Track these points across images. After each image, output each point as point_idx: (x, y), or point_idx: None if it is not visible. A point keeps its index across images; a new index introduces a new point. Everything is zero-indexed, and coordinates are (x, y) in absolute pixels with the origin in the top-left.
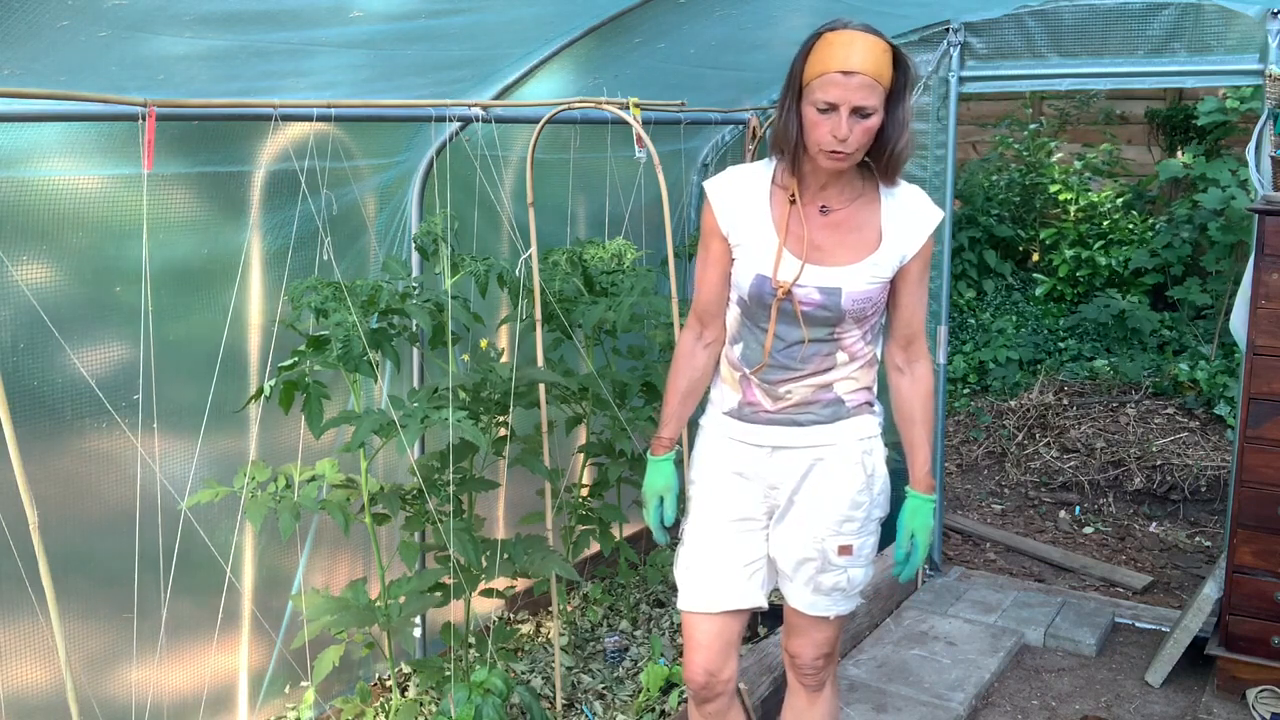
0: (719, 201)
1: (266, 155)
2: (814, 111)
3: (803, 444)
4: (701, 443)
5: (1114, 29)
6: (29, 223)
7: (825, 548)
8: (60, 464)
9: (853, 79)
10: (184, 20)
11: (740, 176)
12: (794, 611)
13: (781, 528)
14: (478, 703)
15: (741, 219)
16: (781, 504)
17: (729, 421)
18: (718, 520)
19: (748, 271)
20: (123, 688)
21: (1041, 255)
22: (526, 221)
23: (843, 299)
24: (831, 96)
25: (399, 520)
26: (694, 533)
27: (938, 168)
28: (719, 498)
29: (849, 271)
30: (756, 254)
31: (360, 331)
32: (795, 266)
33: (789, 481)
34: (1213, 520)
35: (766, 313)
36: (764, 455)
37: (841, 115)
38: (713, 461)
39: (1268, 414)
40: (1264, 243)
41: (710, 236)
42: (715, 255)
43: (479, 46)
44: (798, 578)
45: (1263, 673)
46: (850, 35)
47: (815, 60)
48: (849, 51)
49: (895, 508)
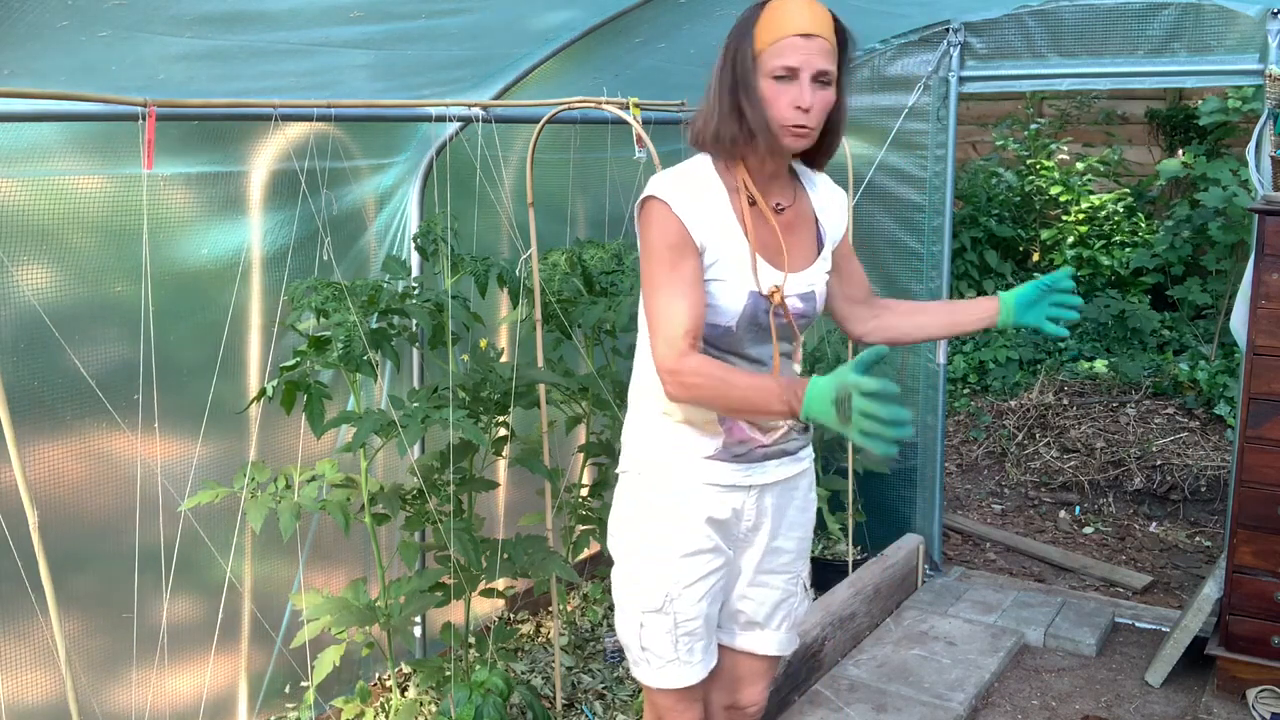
0: (687, 210)
1: (266, 155)
2: (770, 83)
3: (790, 474)
4: (655, 500)
5: (1114, 29)
6: (29, 223)
7: (802, 577)
8: (60, 464)
9: (813, 41)
10: (184, 20)
11: (695, 178)
12: (755, 660)
13: (757, 575)
14: (478, 703)
15: (712, 230)
16: (759, 547)
17: (711, 466)
18: (701, 584)
19: (736, 291)
20: (123, 687)
21: (1042, 255)
22: (526, 221)
23: (817, 303)
24: (793, 60)
25: (399, 520)
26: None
27: (938, 168)
28: (698, 558)
29: (814, 271)
30: (736, 269)
31: (361, 331)
32: (777, 277)
33: (771, 522)
34: (1213, 520)
35: (755, 335)
36: (750, 498)
37: (803, 82)
38: (683, 517)
39: (1268, 414)
40: (1264, 243)
41: (681, 253)
42: (694, 275)
43: (479, 46)
44: (772, 622)
45: (1263, 673)
46: (801, 1)
47: (767, 27)
48: (805, 14)
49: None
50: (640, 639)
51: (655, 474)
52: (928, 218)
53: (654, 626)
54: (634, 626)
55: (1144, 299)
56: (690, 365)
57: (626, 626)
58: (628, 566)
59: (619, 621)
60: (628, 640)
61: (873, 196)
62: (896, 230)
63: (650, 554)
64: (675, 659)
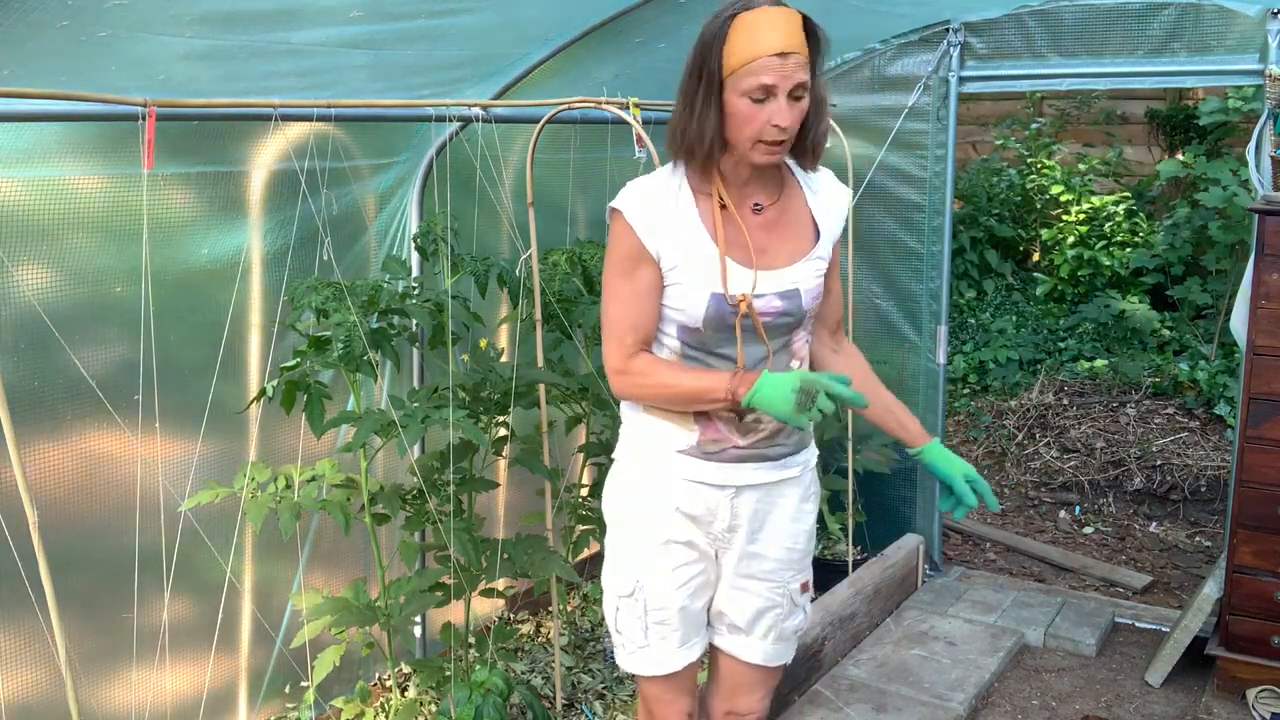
0: (640, 221)
1: (266, 155)
2: (745, 103)
3: (769, 480)
4: (631, 486)
5: (1114, 29)
6: (29, 223)
7: (790, 589)
8: (60, 464)
9: (789, 60)
10: (184, 20)
11: (655, 189)
12: (746, 668)
13: (736, 579)
14: (478, 703)
15: (670, 237)
16: (736, 550)
17: (684, 460)
18: (673, 575)
19: (698, 295)
20: (123, 687)
21: (1042, 255)
22: (526, 221)
23: (803, 300)
24: (769, 80)
25: (399, 520)
26: (651, 592)
27: (938, 168)
28: (670, 548)
29: (800, 269)
30: (702, 273)
31: (361, 331)
32: (747, 277)
33: (748, 525)
34: (1213, 520)
35: (726, 336)
36: (724, 498)
37: (780, 101)
38: (655, 506)
39: (1268, 414)
40: (1264, 243)
41: (635, 263)
42: (648, 284)
43: (479, 46)
44: (756, 630)
45: (1263, 673)
46: (772, 13)
47: (739, 46)
48: (778, 31)
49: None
50: (616, 621)
51: (634, 464)
52: (928, 218)
53: (626, 611)
54: (611, 609)
55: (1144, 299)
56: (636, 365)
57: (607, 608)
58: (609, 550)
59: (604, 602)
60: (608, 622)
61: (873, 196)
62: (896, 230)
63: (625, 540)
64: (646, 645)
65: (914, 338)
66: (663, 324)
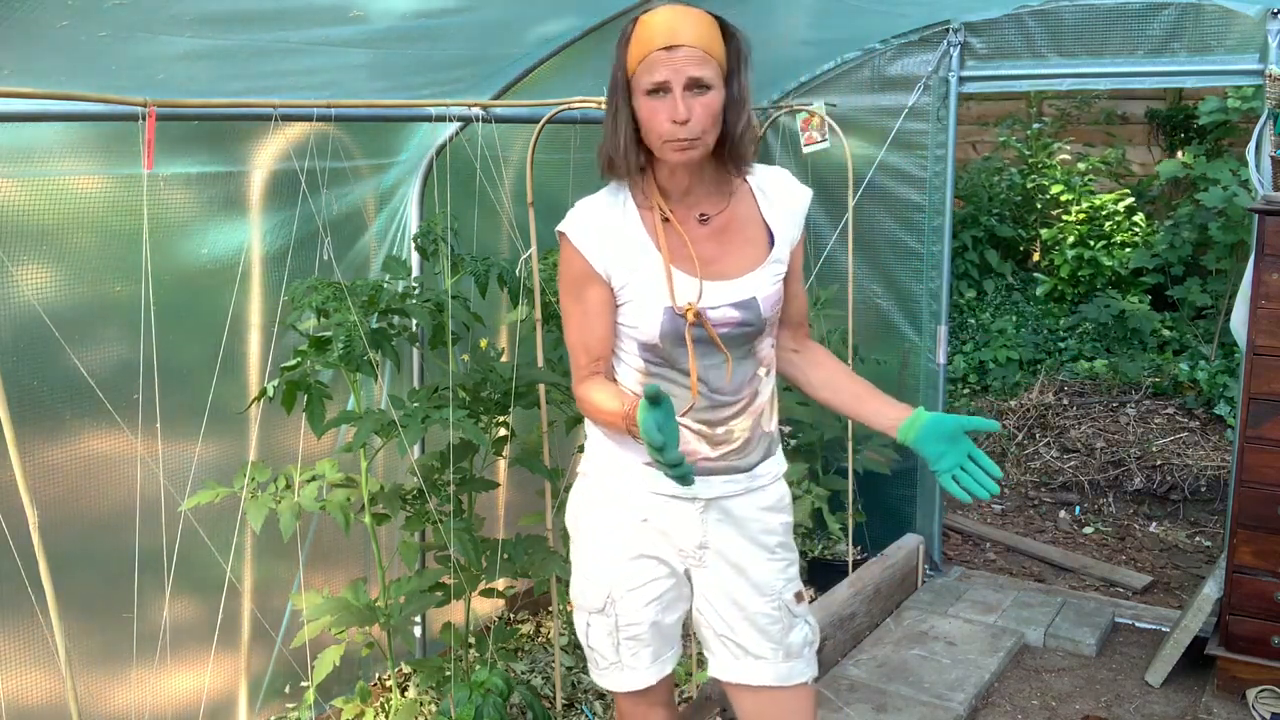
0: (586, 242)
1: (266, 155)
2: (647, 102)
3: (740, 491)
4: (599, 501)
5: (1114, 29)
6: (29, 223)
7: (784, 600)
8: (60, 464)
9: (678, 52)
10: (184, 20)
11: (599, 209)
12: (765, 696)
13: (721, 598)
14: (478, 703)
15: (619, 256)
16: (713, 568)
17: (651, 474)
18: (644, 589)
19: (652, 310)
20: (123, 687)
21: (1043, 255)
22: (526, 221)
23: (761, 308)
24: (660, 75)
25: (399, 520)
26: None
27: (938, 168)
28: (641, 562)
29: (756, 278)
30: (651, 289)
31: (361, 331)
32: (693, 286)
33: (720, 540)
34: (1213, 520)
35: (686, 350)
36: (694, 510)
37: (675, 94)
38: (625, 521)
39: (1268, 414)
40: (1264, 243)
41: (584, 285)
42: (598, 304)
43: (479, 46)
44: (759, 648)
45: (1263, 673)
46: (668, 11)
47: (635, 46)
48: (669, 27)
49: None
50: (587, 637)
51: (602, 477)
52: (928, 218)
53: (598, 627)
54: (582, 624)
55: (1144, 299)
56: (582, 390)
57: (578, 623)
58: (577, 566)
59: (574, 618)
60: (580, 636)
61: (873, 196)
62: (896, 230)
63: (595, 555)
64: (618, 662)
65: (914, 338)
66: (623, 343)
